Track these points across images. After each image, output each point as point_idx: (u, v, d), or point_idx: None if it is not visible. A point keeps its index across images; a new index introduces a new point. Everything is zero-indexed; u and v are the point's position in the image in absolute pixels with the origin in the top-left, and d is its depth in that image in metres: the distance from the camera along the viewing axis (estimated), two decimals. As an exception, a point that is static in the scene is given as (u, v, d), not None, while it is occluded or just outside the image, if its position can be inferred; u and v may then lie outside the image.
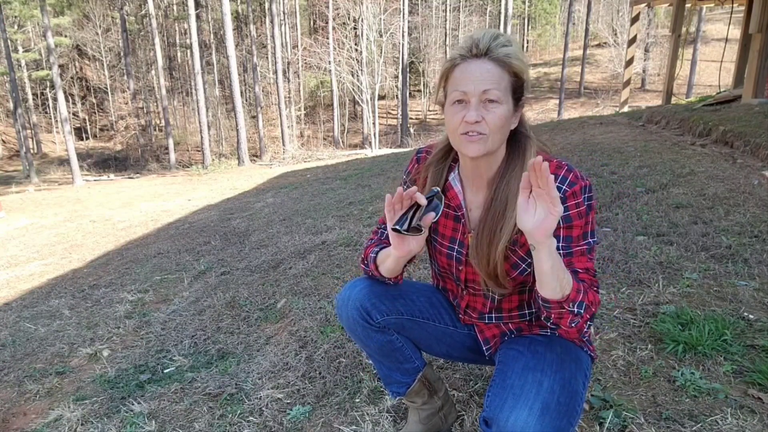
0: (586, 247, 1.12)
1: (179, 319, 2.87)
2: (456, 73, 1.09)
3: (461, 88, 1.07)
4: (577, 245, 1.11)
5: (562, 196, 1.09)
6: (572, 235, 1.11)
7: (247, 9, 29.33)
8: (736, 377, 1.65)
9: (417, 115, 34.25)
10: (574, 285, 1.02)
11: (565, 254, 1.10)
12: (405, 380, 1.44)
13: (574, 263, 1.10)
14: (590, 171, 4.65)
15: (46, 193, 14.98)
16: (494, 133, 1.09)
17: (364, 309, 1.30)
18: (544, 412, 0.98)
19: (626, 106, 10.83)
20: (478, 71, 1.06)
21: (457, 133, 1.11)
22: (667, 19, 23.69)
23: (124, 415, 1.94)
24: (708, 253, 2.62)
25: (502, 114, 1.08)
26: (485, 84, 1.06)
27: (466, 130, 1.08)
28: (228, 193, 9.51)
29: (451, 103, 1.10)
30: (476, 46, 1.06)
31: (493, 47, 1.06)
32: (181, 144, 31.81)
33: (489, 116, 1.07)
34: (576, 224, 1.11)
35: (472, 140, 1.09)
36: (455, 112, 1.10)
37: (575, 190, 1.10)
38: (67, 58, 34.55)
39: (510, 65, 1.07)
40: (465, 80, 1.07)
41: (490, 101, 1.07)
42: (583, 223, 1.12)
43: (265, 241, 4.35)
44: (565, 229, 1.11)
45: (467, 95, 1.07)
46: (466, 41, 1.08)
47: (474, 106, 1.07)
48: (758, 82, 6.70)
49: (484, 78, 1.06)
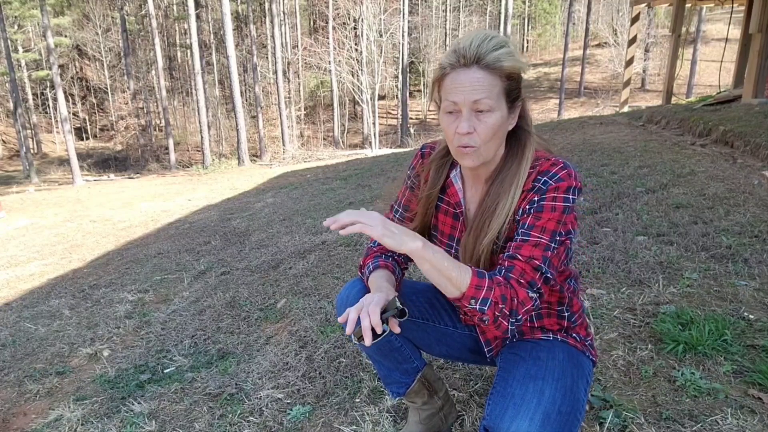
0: (548, 242, 1.06)
1: (179, 319, 2.87)
2: (447, 82, 1.07)
3: (451, 98, 1.06)
4: (537, 236, 1.07)
5: (545, 187, 1.08)
6: (536, 224, 1.07)
7: (247, 9, 29.32)
8: (736, 377, 1.65)
9: (417, 115, 34.24)
10: (472, 281, 1.00)
11: (520, 240, 1.07)
12: (405, 380, 1.43)
13: (522, 248, 1.06)
14: (590, 171, 4.65)
15: (46, 193, 14.98)
16: (486, 142, 1.08)
17: None
18: (545, 423, 0.97)
19: (626, 106, 10.83)
20: (467, 81, 1.04)
21: (453, 145, 1.11)
22: (667, 19, 23.68)
23: (124, 415, 1.94)
24: (708, 253, 2.62)
25: (495, 122, 1.06)
26: (475, 94, 1.04)
27: (459, 143, 1.08)
28: (228, 193, 9.51)
29: (444, 112, 1.10)
30: (463, 56, 1.04)
31: (482, 53, 1.03)
32: (181, 144, 31.82)
33: (480, 127, 1.06)
34: (545, 216, 1.07)
35: (466, 153, 1.09)
36: (449, 123, 1.09)
37: (560, 185, 1.07)
38: (67, 58, 34.57)
39: (501, 69, 1.04)
40: (455, 90, 1.05)
41: (481, 111, 1.05)
42: (555, 219, 1.07)
43: (265, 241, 4.35)
44: (532, 218, 1.08)
45: (458, 105, 1.06)
46: (454, 48, 1.06)
47: (465, 116, 1.06)
48: (758, 82, 6.70)
49: (474, 88, 1.04)
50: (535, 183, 1.10)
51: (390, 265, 1.31)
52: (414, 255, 1.00)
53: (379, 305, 1.04)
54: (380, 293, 1.10)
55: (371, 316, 1.01)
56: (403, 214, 1.36)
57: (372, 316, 1.01)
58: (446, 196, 1.26)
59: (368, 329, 1.01)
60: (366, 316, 1.01)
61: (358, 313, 1.03)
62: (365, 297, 1.08)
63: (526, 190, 1.11)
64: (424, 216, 1.29)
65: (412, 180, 1.33)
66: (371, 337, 1.01)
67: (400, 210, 1.37)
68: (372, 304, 1.04)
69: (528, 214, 1.09)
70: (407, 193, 1.35)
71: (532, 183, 1.11)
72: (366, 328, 1.01)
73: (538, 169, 1.12)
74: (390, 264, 1.31)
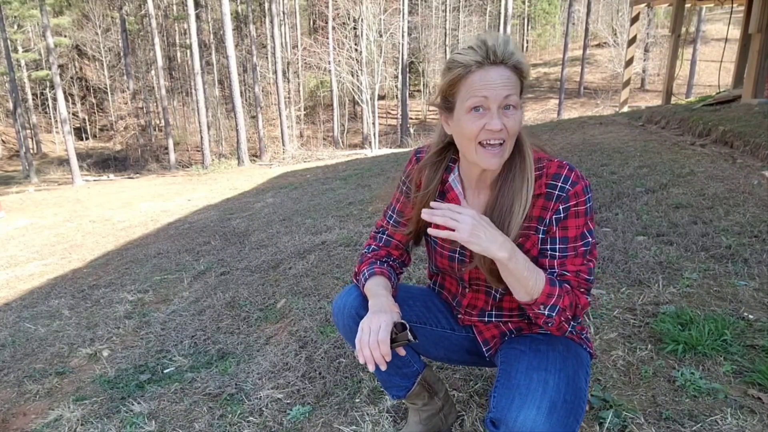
0: (583, 248, 1.12)
1: (179, 319, 2.87)
2: (474, 79, 1.05)
3: (482, 93, 1.05)
4: (573, 246, 1.12)
5: (564, 195, 1.11)
6: (568, 236, 1.12)
7: (247, 9, 29.31)
8: (736, 377, 1.65)
9: (417, 115, 34.23)
10: (545, 289, 1.05)
11: (560, 256, 1.11)
12: (405, 384, 1.43)
13: (567, 265, 1.11)
14: (590, 171, 4.65)
15: (45, 193, 14.98)
16: (511, 138, 1.09)
17: (360, 317, 1.29)
18: (552, 411, 0.99)
19: (626, 106, 10.83)
20: (499, 78, 1.04)
21: (475, 142, 1.09)
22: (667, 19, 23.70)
23: (124, 415, 1.94)
24: (708, 253, 2.62)
25: (520, 119, 1.09)
26: (506, 89, 1.05)
27: (488, 138, 1.07)
28: (228, 193, 9.50)
29: (467, 111, 1.07)
30: (494, 54, 1.04)
31: (509, 53, 1.05)
32: (181, 144, 31.81)
33: (509, 122, 1.06)
34: (573, 224, 1.12)
35: (495, 154, 1.08)
36: (473, 120, 1.07)
37: (577, 190, 1.11)
38: (66, 58, 34.56)
39: (522, 70, 1.07)
40: (486, 87, 1.05)
41: (511, 107, 1.06)
42: (582, 222, 1.12)
43: (265, 241, 4.35)
44: (561, 230, 1.12)
45: (488, 101, 1.05)
46: (478, 47, 1.05)
47: (496, 113, 1.05)
48: (758, 82, 6.70)
49: (505, 84, 1.05)
50: (550, 189, 1.12)
51: (386, 271, 1.30)
52: (499, 263, 1.05)
53: (389, 332, 1.09)
54: (385, 314, 1.12)
55: (381, 346, 1.07)
56: (397, 220, 1.35)
57: (382, 347, 1.07)
58: (446, 201, 1.25)
59: (382, 362, 1.07)
60: (377, 347, 1.07)
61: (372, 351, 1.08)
62: (371, 321, 1.11)
63: (537, 194, 1.13)
64: (419, 220, 1.28)
65: (406, 186, 1.32)
66: (385, 365, 1.08)
67: (395, 216, 1.36)
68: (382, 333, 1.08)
69: (555, 225, 1.12)
70: (402, 198, 1.34)
71: (545, 189, 1.12)
72: (380, 362, 1.07)
73: (545, 172, 1.13)
74: (386, 270, 1.30)
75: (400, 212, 1.35)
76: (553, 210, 1.12)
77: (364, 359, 1.07)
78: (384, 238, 1.37)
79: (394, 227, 1.36)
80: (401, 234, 1.35)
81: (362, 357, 1.08)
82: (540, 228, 1.14)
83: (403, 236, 1.35)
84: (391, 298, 1.21)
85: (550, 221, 1.13)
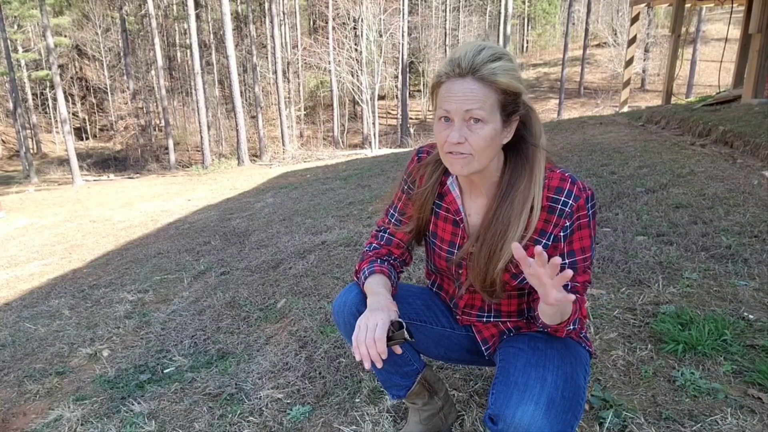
0: (588, 262, 1.14)
1: (179, 319, 2.87)
2: (442, 91, 1.07)
3: (444, 107, 1.06)
4: (581, 258, 1.13)
5: (569, 210, 1.11)
6: (574, 248, 1.13)
7: (247, 9, 29.32)
8: (736, 377, 1.65)
9: (417, 115, 34.24)
10: (572, 308, 1.06)
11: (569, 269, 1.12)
12: (405, 383, 1.43)
13: (576, 278, 1.13)
14: (590, 171, 4.65)
15: (45, 193, 14.98)
16: (479, 153, 1.07)
17: (360, 313, 1.29)
18: (550, 407, 0.99)
19: (626, 106, 10.83)
20: (461, 91, 1.04)
21: (443, 151, 1.11)
22: (667, 19, 23.69)
23: (124, 415, 1.94)
24: (708, 253, 2.62)
25: (487, 134, 1.05)
26: (467, 104, 1.03)
27: (450, 150, 1.08)
28: (228, 193, 9.50)
29: (437, 119, 1.10)
30: (458, 66, 1.04)
31: (478, 64, 1.02)
32: (181, 144, 31.81)
33: (472, 137, 1.05)
34: (578, 237, 1.13)
35: (456, 159, 1.09)
36: (440, 130, 1.09)
37: (580, 204, 1.11)
38: (66, 58, 34.56)
39: (496, 82, 1.03)
40: (448, 99, 1.05)
41: (474, 120, 1.05)
42: (587, 234, 1.13)
43: (265, 241, 4.35)
44: (568, 245, 1.13)
45: (450, 113, 1.06)
46: (450, 57, 1.06)
47: (457, 126, 1.05)
48: (758, 82, 6.70)
49: (467, 98, 1.03)
50: (552, 204, 1.12)
51: (386, 270, 1.30)
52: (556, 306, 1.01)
53: (386, 330, 1.09)
54: (382, 312, 1.11)
55: (377, 344, 1.07)
56: (399, 219, 1.36)
57: (378, 344, 1.07)
58: (444, 203, 1.26)
59: (378, 359, 1.07)
60: (373, 345, 1.07)
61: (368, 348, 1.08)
62: (368, 319, 1.10)
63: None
64: (419, 217, 1.29)
65: (408, 184, 1.33)
66: (381, 363, 1.08)
67: (396, 215, 1.36)
68: (379, 331, 1.08)
69: (563, 242, 1.13)
70: (403, 197, 1.35)
71: (547, 202, 1.12)
72: (376, 360, 1.07)
73: (547, 184, 1.12)
74: (386, 269, 1.30)
75: (402, 211, 1.35)
76: (561, 226, 1.12)
77: (360, 356, 1.08)
78: (385, 237, 1.38)
79: (395, 226, 1.36)
80: (402, 232, 1.35)
81: (358, 354, 1.08)
82: (542, 240, 1.14)
83: (405, 235, 1.35)
84: (390, 296, 1.21)
85: (557, 237, 1.13)
